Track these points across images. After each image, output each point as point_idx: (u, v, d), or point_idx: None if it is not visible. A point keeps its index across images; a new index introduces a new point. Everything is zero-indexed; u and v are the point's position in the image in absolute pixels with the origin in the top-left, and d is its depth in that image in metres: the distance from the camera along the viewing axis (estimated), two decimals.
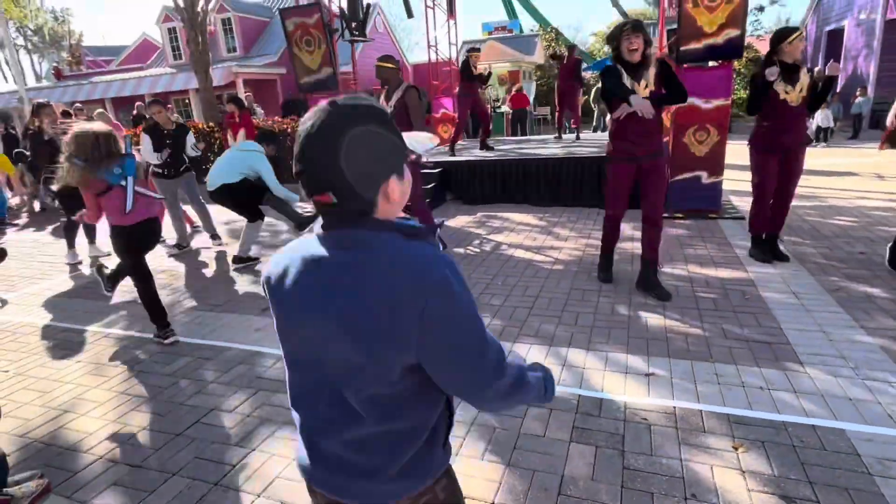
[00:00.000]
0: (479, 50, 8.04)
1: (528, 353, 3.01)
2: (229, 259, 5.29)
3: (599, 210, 6.07)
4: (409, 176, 0.91)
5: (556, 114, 9.86)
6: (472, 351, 0.88)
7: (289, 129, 9.55)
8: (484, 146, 8.32)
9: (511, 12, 22.44)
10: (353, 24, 7.38)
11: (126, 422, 2.62)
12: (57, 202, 5.89)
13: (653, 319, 3.37)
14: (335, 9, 7.81)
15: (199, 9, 11.75)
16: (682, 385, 2.60)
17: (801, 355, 2.80)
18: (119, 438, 2.48)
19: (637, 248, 4.61)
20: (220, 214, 6.15)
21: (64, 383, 3.07)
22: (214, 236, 5.92)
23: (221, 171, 4.77)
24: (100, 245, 5.80)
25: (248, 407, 2.67)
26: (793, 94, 3.84)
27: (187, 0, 11.52)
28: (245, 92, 16.09)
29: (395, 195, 0.88)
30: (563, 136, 9.51)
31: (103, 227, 3.71)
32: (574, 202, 6.77)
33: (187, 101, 19.29)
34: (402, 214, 0.94)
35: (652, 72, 3.44)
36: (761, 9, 22.85)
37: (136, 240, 3.33)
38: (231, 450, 2.34)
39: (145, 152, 5.36)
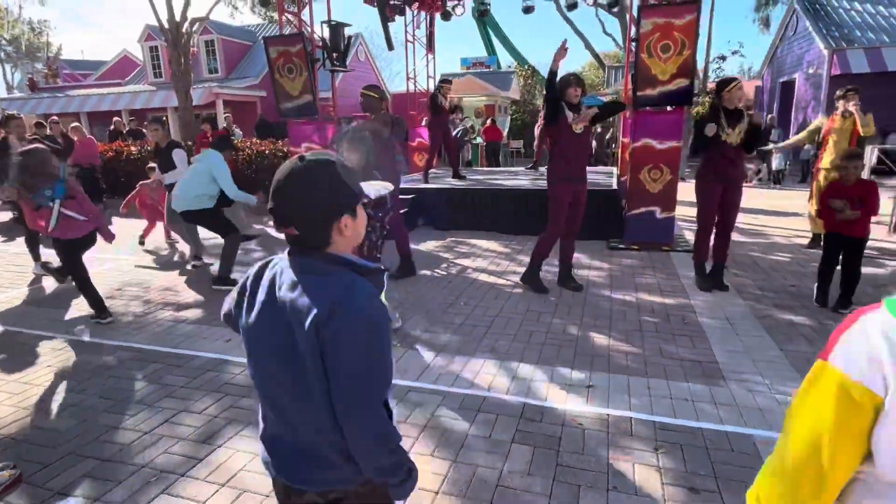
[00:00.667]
0: (449, 82, 8.43)
1: (483, 365, 3.25)
2: (193, 267, 5.42)
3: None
4: (362, 215, 1.14)
5: (537, 146, 10.39)
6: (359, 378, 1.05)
7: (266, 152, 9.76)
8: (456, 175, 8.67)
9: (490, 48, 23.32)
10: (335, 55, 7.73)
11: (97, 421, 2.74)
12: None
13: (599, 339, 3.66)
14: (318, 39, 8.16)
15: (183, 30, 12.01)
16: (617, 396, 2.87)
17: (725, 373, 3.12)
18: (89, 436, 2.60)
19: (592, 276, 4.95)
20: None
21: (34, 385, 3.17)
22: (197, 257, 5.85)
23: (187, 197, 4.88)
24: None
25: (216, 409, 2.83)
26: (732, 136, 4.30)
27: (172, 21, 11.78)
28: (224, 112, 16.29)
29: (348, 231, 1.11)
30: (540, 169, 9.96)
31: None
32: (539, 231, 7.10)
33: (165, 118, 19.35)
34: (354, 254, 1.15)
35: (589, 111, 4.36)
36: (723, 58, 24.35)
37: (69, 248, 3.86)
38: (198, 446, 2.49)
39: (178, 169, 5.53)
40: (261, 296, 1.14)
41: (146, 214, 6.85)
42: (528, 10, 11.75)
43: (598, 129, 13.75)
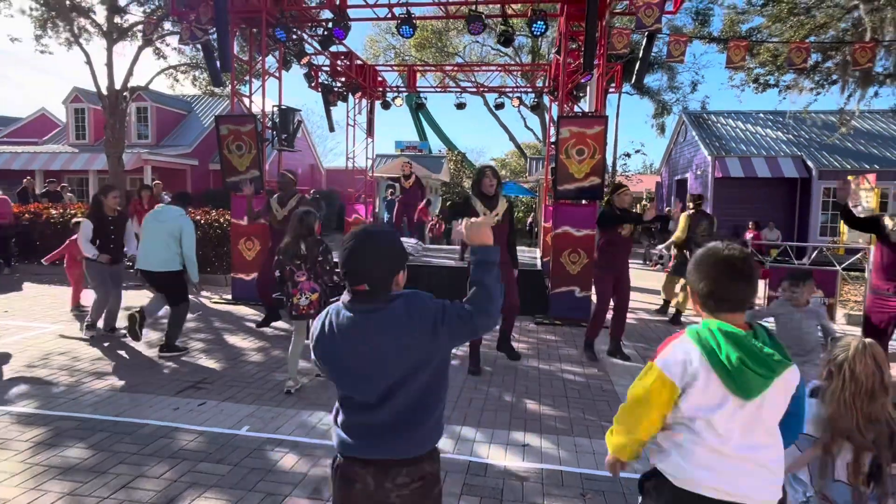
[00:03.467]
0: (409, 163, 9.16)
1: None
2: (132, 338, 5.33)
3: None
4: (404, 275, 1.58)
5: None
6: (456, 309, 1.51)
7: (202, 220, 9.77)
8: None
9: (422, 135, 24.89)
10: (284, 136, 8.20)
11: (46, 489, 2.72)
12: None
13: (531, 404, 4.09)
14: (268, 121, 8.63)
15: (123, 96, 12.07)
16: (549, 453, 3.28)
17: None
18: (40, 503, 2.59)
19: (521, 348, 5.46)
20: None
21: None
22: (113, 329, 5.72)
23: (162, 256, 4.95)
24: None
25: (173, 474, 2.90)
26: (626, 230, 5.11)
27: (111, 89, 11.85)
28: (154, 180, 16.01)
29: (401, 282, 1.55)
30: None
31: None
32: None
33: (84, 179, 18.61)
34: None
35: (503, 204, 4.79)
36: (628, 155, 27.53)
37: None
38: None
39: (84, 241, 5.42)
40: (351, 332, 1.49)
41: (74, 275, 6.59)
42: (460, 106, 13.03)
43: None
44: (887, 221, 4.39)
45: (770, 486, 1.42)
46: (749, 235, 12.02)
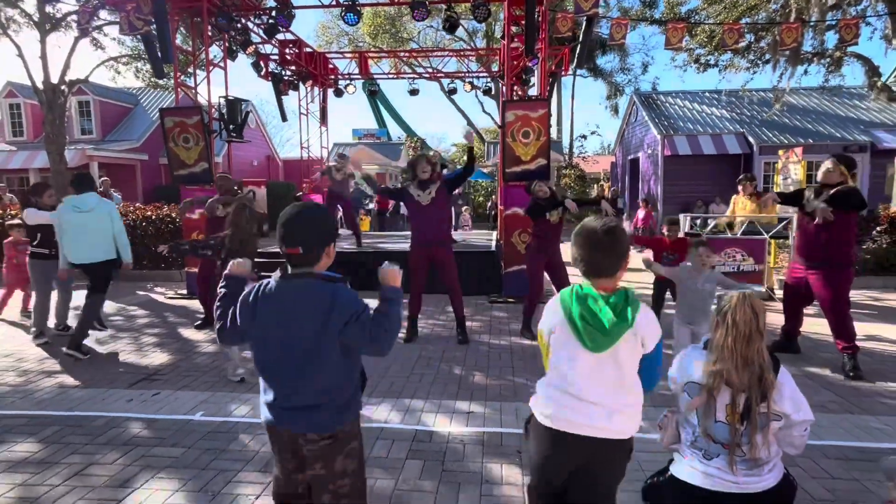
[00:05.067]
0: (345, 157, 9.14)
1: (380, 404, 3.72)
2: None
3: (444, 297, 7.14)
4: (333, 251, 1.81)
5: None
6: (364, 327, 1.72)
7: (153, 217, 9.59)
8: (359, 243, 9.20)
9: (380, 122, 24.76)
10: (231, 127, 8.11)
11: None
12: None
13: (478, 377, 4.31)
14: (215, 112, 8.50)
15: (61, 90, 11.59)
16: (491, 418, 3.50)
17: None
18: None
19: (474, 326, 5.67)
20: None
21: None
22: (66, 328, 5.62)
23: (102, 246, 4.94)
24: None
25: (127, 459, 2.98)
26: (554, 216, 5.34)
27: (48, 83, 11.36)
28: (101, 176, 15.47)
29: (332, 254, 1.76)
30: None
31: None
32: (427, 290, 7.80)
33: (24, 178, 17.80)
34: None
35: (435, 186, 5.11)
36: (585, 136, 28.08)
37: None
38: (115, 490, 2.66)
39: (33, 214, 5.34)
40: (271, 304, 1.73)
41: (12, 278, 6.34)
42: (413, 92, 13.07)
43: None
44: (807, 193, 4.69)
45: (611, 425, 1.71)
46: (641, 213, 12.57)
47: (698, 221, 8.00)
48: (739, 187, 7.57)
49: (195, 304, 7.12)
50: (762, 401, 2.07)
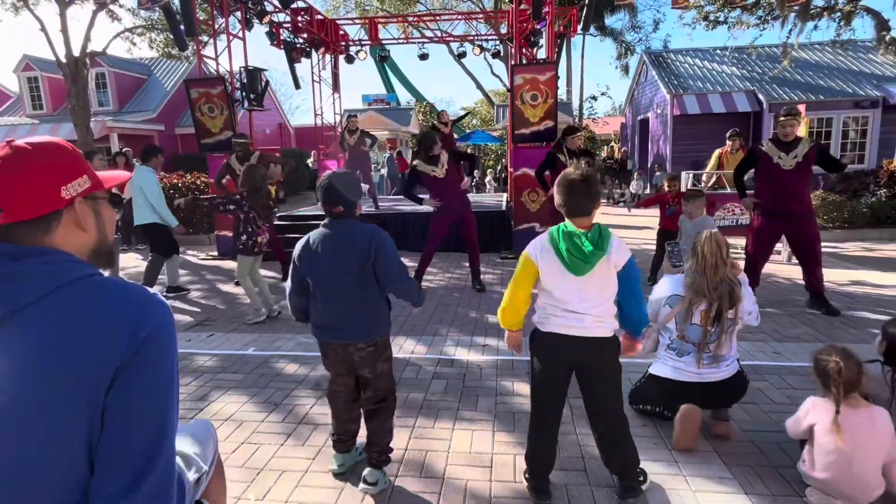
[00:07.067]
0: (356, 116, 9.48)
1: (406, 342, 4.26)
2: None
3: (461, 254, 7.61)
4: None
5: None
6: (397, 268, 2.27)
7: (180, 184, 10.12)
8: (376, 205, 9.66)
9: (389, 87, 24.79)
10: (252, 96, 8.50)
11: None
12: None
13: (492, 319, 4.83)
14: (236, 82, 8.89)
15: (83, 62, 11.98)
16: (504, 349, 4.03)
17: None
18: None
19: (487, 279, 6.16)
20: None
21: None
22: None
23: (142, 209, 5.55)
24: None
25: (199, 381, 3.56)
26: (573, 167, 5.75)
27: (70, 57, 11.74)
28: (122, 147, 15.98)
29: (361, 208, 2.25)
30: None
31: None
32: (441, 249, 8.31)
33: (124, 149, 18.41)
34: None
35: (445, 158, 5.56)
36: (595, 97, 27.88)
37: None
38: (195, 402, 3.24)
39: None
40: (323, 246, 2.22)
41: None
42: (423, 56, 13.24)
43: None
44: (769, 147, 4.87)
45: (598, 328, 2.16)
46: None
47: (702, 178, 8.34)
48: (728, 143, 7.78)
49: (228, 264, 7.69)
50: (730, 308, 2.57)
